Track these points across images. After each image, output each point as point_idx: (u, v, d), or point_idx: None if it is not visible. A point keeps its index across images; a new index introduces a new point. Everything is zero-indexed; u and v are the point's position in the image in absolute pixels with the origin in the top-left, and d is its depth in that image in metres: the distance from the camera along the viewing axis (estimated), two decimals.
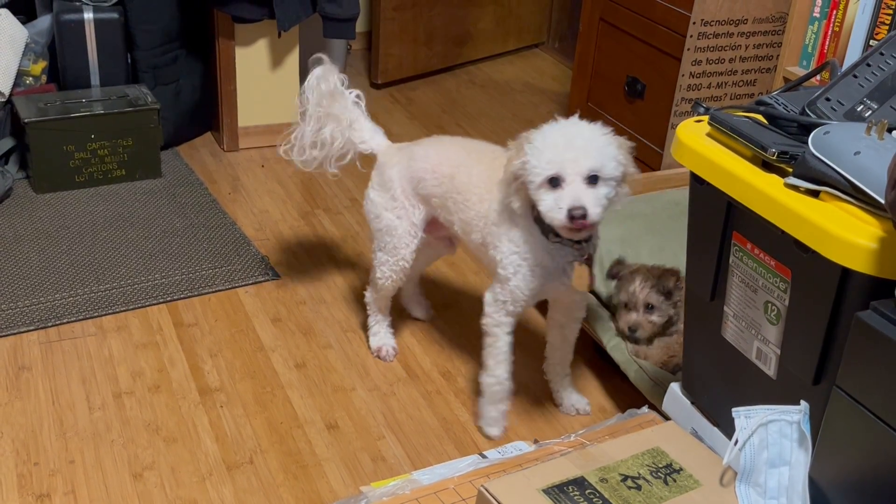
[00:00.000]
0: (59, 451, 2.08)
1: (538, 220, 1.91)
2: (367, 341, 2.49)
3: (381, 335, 2.48)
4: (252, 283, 2.72)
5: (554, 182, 1.81)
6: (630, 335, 2.24)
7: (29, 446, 2.09)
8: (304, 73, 3.66)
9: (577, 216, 1.77)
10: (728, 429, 1.63)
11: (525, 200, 1.90)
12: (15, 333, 2.43)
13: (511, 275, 2.00)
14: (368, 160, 2.39)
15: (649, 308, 2.22)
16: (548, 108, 4.12)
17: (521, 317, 2.65)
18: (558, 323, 2.21)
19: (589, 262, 2.02)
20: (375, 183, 2.32)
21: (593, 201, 1.78)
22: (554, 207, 1.80)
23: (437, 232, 2.35)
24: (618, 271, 2.34)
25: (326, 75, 2.37)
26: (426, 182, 2.22)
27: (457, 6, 4.31)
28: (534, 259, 1.97)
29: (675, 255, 2.33)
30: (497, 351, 2.11)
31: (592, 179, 1.80)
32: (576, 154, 1.80)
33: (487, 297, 2.11)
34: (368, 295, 2.46)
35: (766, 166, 1.53)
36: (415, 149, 2.29)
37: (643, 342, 2.25)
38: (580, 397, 2.30)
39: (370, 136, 2.36)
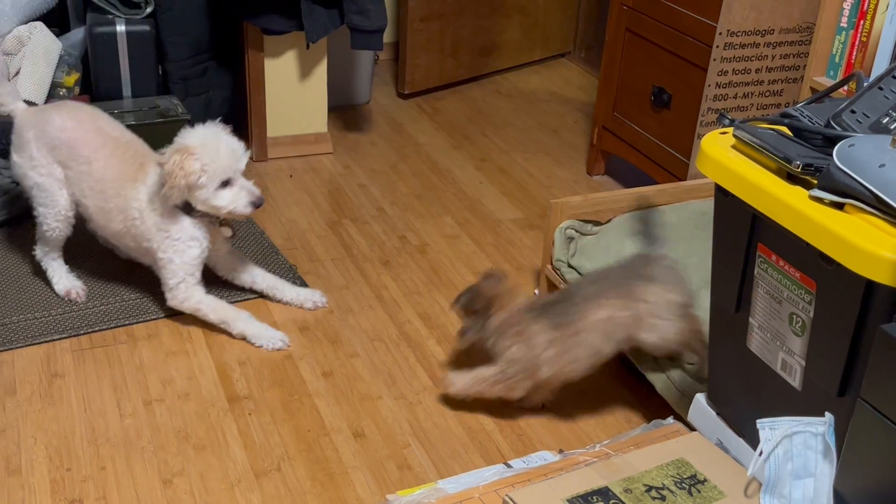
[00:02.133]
0: (91, 457, 2.12)
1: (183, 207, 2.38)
2: (53, 288, 2.64)
3: (64, 279, 2.65)
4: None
5: (226, 183, 2.33)
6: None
7: (62, 452, 2.13)
8: (332, 85, 3.70)
9: (259, 203, 2.38)
10: (753, 440, 1.64)
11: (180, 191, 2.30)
12: (48, 341, 2.47)
13: (173, 255, 2.41)
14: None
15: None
16: (573, 117, 4.13)
17: None
18: (230, 271, 2.65)
19: (225, 223, 2.49)
20: (15, 146, 2.52)
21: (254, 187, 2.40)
22: (236, 201, 2.35)
23: None
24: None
25: None
26: (60, 151, 2.46)
27: (483, 17, 4.33)
28: (185, 236, 2.41)
29: (700, 262, 2.34)
30: (219, 308, 2.48)
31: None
32: (236, 158, 2.34)
33: (169, 290, 2.46)
34: (39, 251, 2.64)
35: (791, 178, 1.53)
36: (51, 114, 2.49)
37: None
38: (312, 291, 2.66)
39: (9, 100, 2.53)
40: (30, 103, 3.18)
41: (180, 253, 2.41)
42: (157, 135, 3.16)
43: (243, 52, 3.43)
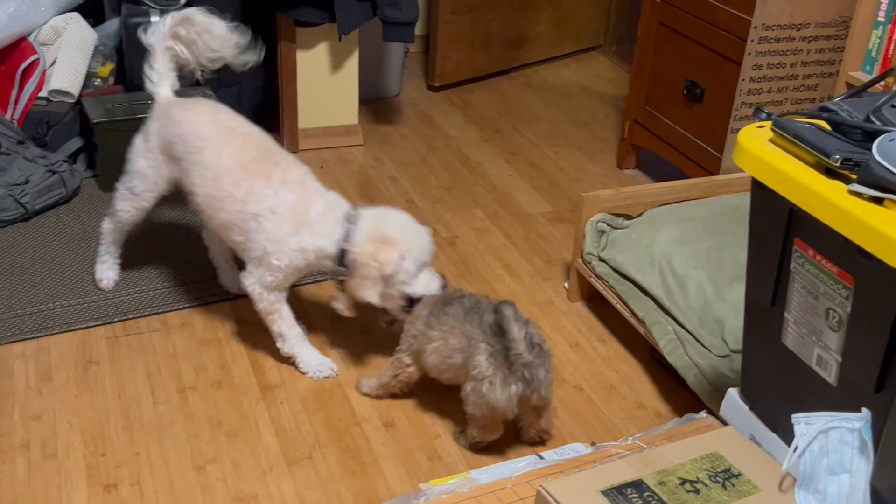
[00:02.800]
0: (126, 443, 2.14)
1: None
2: (94, 269, 2.66)
3: (108, 265, 2.66)
4: (311, 283, 2.77)
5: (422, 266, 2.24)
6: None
7: (97, 438, 2.15)
8: (363, 77, 3.71)
9: (444, 284, 2.29)
10: (787, 435, 1.63)
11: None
12: (83, 328, 2.50)
13: (285, 265, 2.27)
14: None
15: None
16: (604, 111, 4.12)
17: (573, 323, 2.66)
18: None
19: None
20: (143, 130, 2.48)
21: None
22: (430, 285, 2.25)
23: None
24: None
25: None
26: (175, 146, 2.38)
27: (514, 10, 4.33)
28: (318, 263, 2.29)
29: (733, 255, 2.33)
30: (286, 317, 2.37)
31: None
32: (430, 242, 2.27)
33: (251, 283, 2.33)
34: (106, 225, 2.61)
35: (830, 173, 1.52)
36: (174, 109, 2.42)
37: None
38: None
39: (158, 81, 2.48)
40: (63, 93, 3.22)
41: (294, 264, 2.27)
42: None
43: (276, 43, 3.45)
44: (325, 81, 3.54)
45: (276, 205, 2.24)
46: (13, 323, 2.49)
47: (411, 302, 2.24)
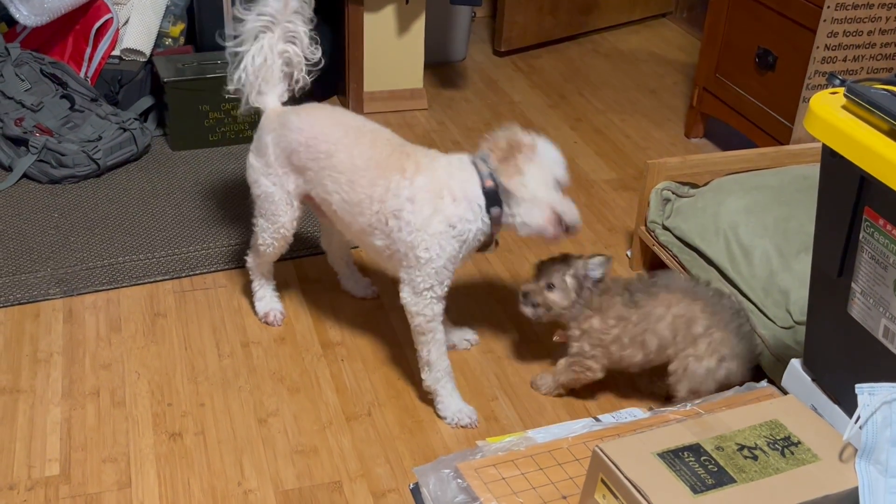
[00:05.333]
0: (191, 393, 2.20)
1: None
2: (253, 308, 2.48)
3: (267, 300, 2.47)
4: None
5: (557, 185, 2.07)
6: (522, 300, 2.19)
7: (163, 388, 2.22)
8: (429, 41, 3.71)
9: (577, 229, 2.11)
10: (850, 407, 1.61)
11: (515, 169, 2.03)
12: (152, 282, 2.57)
13: (438, 252, 2.04)
14: None
15: (550, 287, 2.14)
16: (673, 79, 4.06)
17: None
18: None
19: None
20: (254, 147, 2.30)
21: None
22: (567, 210, 2.07)
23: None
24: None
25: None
26: (300, 154, 2.20)
27: None
28: (470, 234, 2.06)
29: (801, 226, 2.29)
30: (439, 342, 2.13)
31: None
32: (564, 163, 2.09)
33: (404, 296, 2.12)
34: (250, 260, 2.45)
35: None
36: (290, 117, 2.24)
37: (541, 319, 2.19)
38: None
39: (267, 91, 2.30)
40: (138, 52, 3.28)
41: (447, 254, 2.05)
42: None
43: (343, 5, 3.46)
44: (391, 45, 3.54)
45: (413, 194, 2.05)
46: (85, 275, 2.57)
47: (559, 226, 2.07)
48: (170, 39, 3.42)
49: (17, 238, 2.71)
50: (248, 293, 2.54)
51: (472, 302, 2.56)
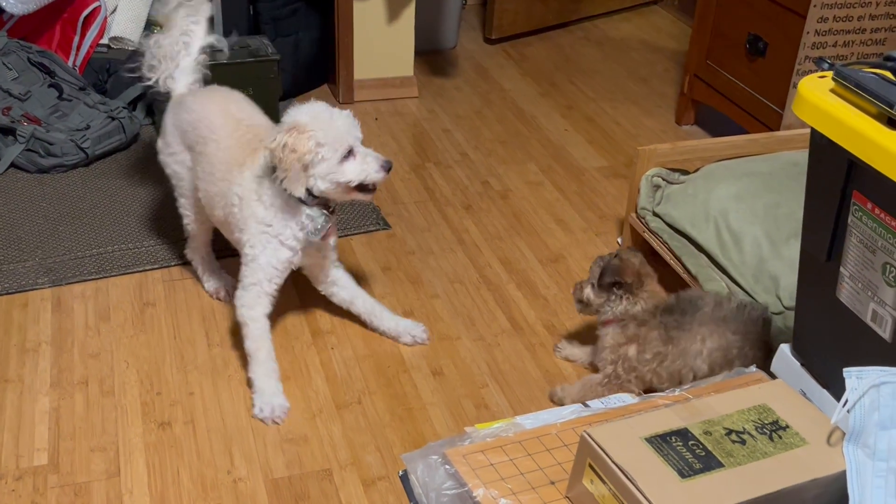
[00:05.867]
0: (180, 383, 2.19)
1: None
2: (204, 287, 2.51)
3: (214, 278, 2.50)
4: (363, 233, 2.78)
5: (347, 155, 2.06)
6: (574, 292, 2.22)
7: (152, 377, 2.21)
8: (419, 29, 3.69)
9: (389, 167, 2.11)
10: (838, 391, 1.60)
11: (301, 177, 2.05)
12: (141, 271, 2.56)
13: (260, 252, 2.13)
14: None
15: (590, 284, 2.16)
16: (664, 66, 4.05)
17: None
18: (331, 286, 2.35)
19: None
20: (162, 130, 2.39)
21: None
22: (366, 170, 2.08)
23: None
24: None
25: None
26: (188, 135, 2.29)
27: None
28: (286, 236, 2.13)
29: (791, 212, 2.28)
30: (261, 341, 2.16)
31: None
32: (353, 126, 2.09)
33: (241, 287, 2.17)
34: (188, 250, 2.50)
35: (892, 124, 1.48)
36: (187, 98, 2.33)
37: (583, 312, 2.21)
38: (414, 324, 2.36)
39: (177, 77, 2.37)
40: (126, 40, 3.26)
41: (269, 253, 2.14)
42: (247, 74, 3.22)
43: None
44: (381, 32, 3.53)
45: (243, 191, 2.13)
46: (74, 264, 2.55)
47: (363, 188, 2.11)
48: (158, 27, 3.39)
49: (5, 228, 2.69)
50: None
51: (463, 290, 2.56)
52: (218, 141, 2.21)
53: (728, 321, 2.04)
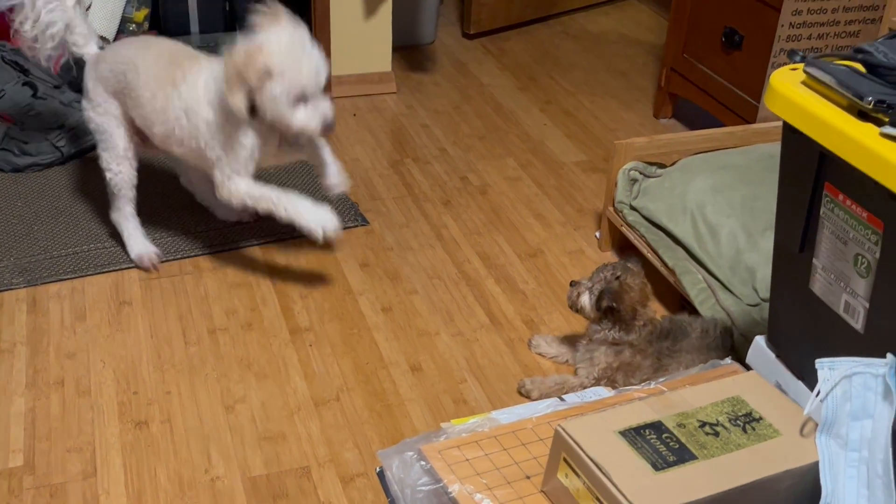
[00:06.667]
0: (157, 382, 2.18)
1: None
2: (128, 253, 2.56)
3: (139, 243, 2.55)
4: (342, 229, 2.77)
5: (301, 99, 2.13)
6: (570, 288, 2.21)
7: (129, 376, 2.20)
8: (397, 24, 3.69)
9: (330, 127, 2.20)
10: (813, 382, 1.61)
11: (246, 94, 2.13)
12: (117, 270, 2.54)
13: (222, 152, 2.27)
14: None
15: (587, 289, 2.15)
16: (642, 59, 4.06)
17: None
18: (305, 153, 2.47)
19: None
20: (84, 90, 2.48)
21: (331, 109, 2.20)
22: (309, 121, 2.16)
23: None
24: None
25: None
26: (109, 81, 2.41)
27: None
28: (239, 136, 2.26)
29: (767, 205, 2.28)
30: (266, 193, 2.31)
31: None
32: (317, 73, 2.13)
33: (219, 182, 2.32)
34: (112, 211, 2.56)
35: (862, 115, 1.48)
36: (105, 52, 2.46)
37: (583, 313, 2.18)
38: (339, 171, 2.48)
39: (81, 41, 2.48)
40: (102, 39, 3.23)
41: (230, 150, 2.27)
42: None
43: None
44: (358, 28, 3.52)
45: (185, 103, 2.28)
46: (49, 264, 2.54)
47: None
48: (134, 25, 3.38)
49: None
50: (217, 279, 2.53)
51: (441, 285, 2.56)
52: (146, 69, 2.34)
53: (712, 349, 2.06)
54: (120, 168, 2.48)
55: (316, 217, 2.29)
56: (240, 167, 2.29)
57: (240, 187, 2.30)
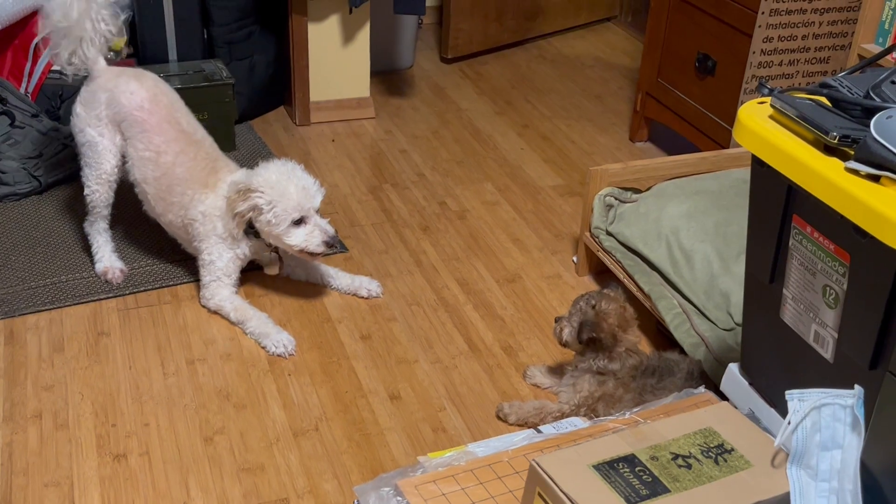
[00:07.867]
0: (135, 413, 2.18)
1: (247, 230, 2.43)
2: (94, 266, 2.62)
3: (106, 257, 2.62)
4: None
5: (298, 222, 2.35)
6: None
7: (107, 408, 2.19)
8: (375, 49, 3.71)
9: (333, 243, 2.39)
10: (785, 410, 1.63)
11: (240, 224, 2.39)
12: (95, 300, 2.54)
13: (216, 258, 2.45)
14: None
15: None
16: (618, 83, 4.10)
17: None
18: (303, 276, 2.65)
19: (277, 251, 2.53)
20: (84, 100, 2.52)
21: (330, 227, 2.41)
22: (309, 240, 2.36)
23: None
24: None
25: None
26: (128, 125, 2.47)
27: None
28: (236, 248, 2.47)
29: (740, 230, 2.32)
30: (240, 307, 2.46)
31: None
32: (309, 196, 2.35)
33: (202, 286, 2.50)
34: (87, 224, 2.63)
35: (828, 150, 1.51)
36: (130, 85, 2.49)
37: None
38: (369, 279, 2.62)
39: (95, 56, 2.51)
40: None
41: (225, 259, 2.46)
42: (202, 99, 3.22)
43: (287, 16, 3.45)
44: (336, 54, 3.54)
45: (206, 209, 2.46)
46: (27, 295, 2.53)
47: (306, 252, 2.39)
48: (112, 53, 3.37)
49: None
50: (195, 308, 2.53)
51: (420, 312, 2.57)
52: (174, 154, 2.44)
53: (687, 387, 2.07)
54: (98, 188, 2.55)
55: (277, 339, 2.38)
56: (225, 276, 2.47)
57: (217, 293, 2.48)
